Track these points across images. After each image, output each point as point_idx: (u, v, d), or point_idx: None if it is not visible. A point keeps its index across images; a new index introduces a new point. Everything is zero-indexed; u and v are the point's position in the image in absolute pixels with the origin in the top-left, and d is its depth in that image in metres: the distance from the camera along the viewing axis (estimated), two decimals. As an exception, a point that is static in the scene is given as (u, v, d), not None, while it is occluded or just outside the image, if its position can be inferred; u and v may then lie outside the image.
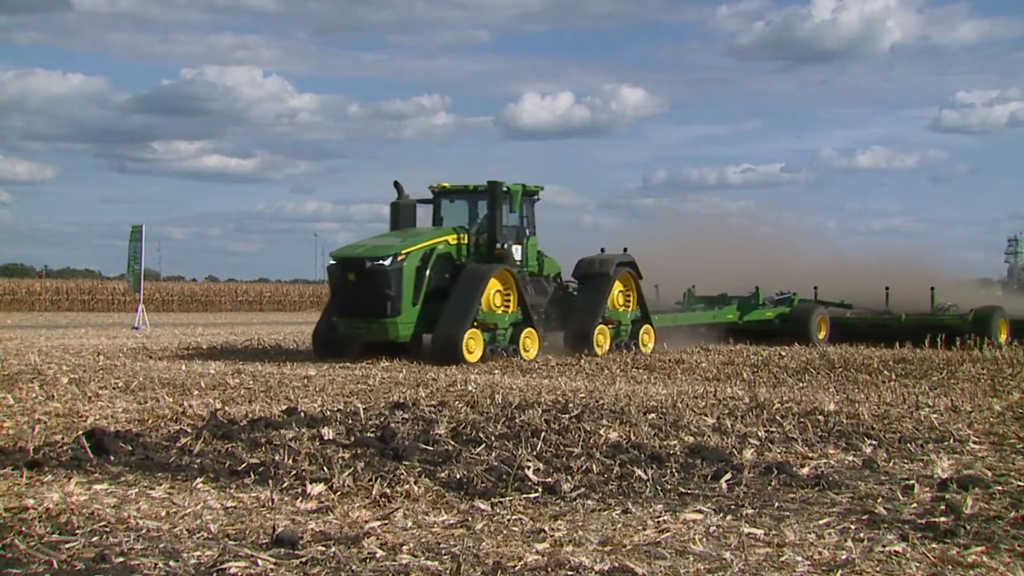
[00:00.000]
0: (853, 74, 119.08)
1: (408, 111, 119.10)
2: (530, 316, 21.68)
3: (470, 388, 15.12)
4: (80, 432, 10.17)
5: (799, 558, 6.08)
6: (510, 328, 21.38)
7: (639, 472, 8.63)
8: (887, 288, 28.46)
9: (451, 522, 7.05)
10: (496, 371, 18.81)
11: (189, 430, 10.54)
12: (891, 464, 9.27)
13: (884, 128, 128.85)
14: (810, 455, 9.66)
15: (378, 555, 6.14)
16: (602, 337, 22.89)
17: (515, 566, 5.89)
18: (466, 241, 21.90)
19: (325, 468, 8.63)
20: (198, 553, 6.10)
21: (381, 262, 20.13)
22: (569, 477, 8.46)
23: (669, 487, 8.23)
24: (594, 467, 8.85)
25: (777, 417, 11.88)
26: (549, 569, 5.85)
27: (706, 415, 12.00)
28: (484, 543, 6.43)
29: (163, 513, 7.13)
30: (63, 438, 10.11)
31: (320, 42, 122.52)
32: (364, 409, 12.27)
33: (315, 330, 22.50)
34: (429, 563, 5.97)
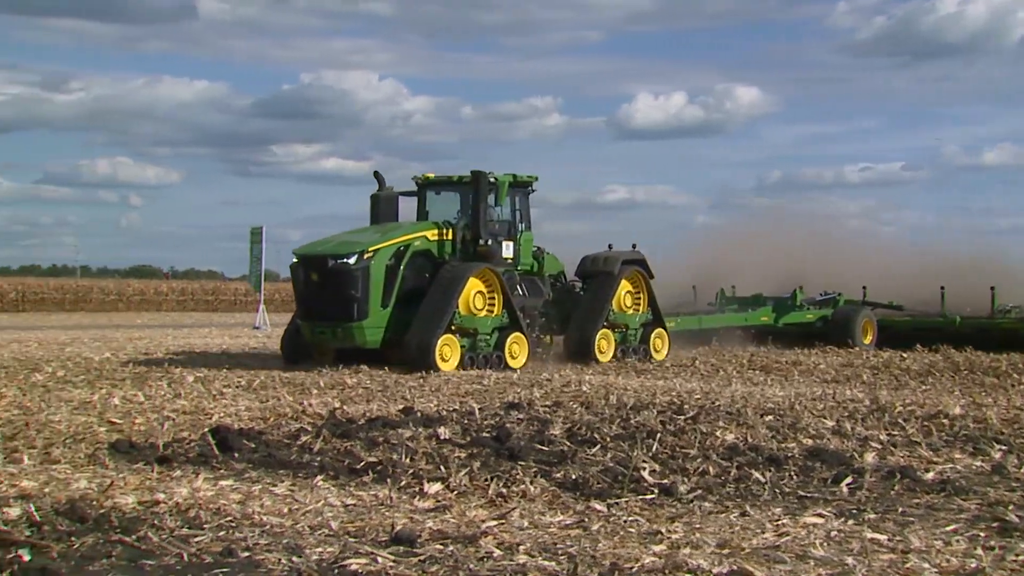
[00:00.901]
0: (978, 69, 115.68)
1: (520, 112, 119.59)
2: (518, 320, 19.47)
3: (584, 389, 15.08)
4: (206, 429, 10.43)
5: (926, 565, 5.92)
6: (494, 333, 19.21)
7: (757, 474, 8.52)
8: (942, 288, 25.62)
9: (567, 522, 7.04)
10: (611, 372, 18.74)
11: (309, 428, 10.72)
12: (1022, 470, 8.98)
13: (1012, 124, 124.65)
14: (935, 460, 9.40)
15: (495, 554, 6.16)
16: (605, 343, 20.80)
17: (632, 568, 5.85)
18: (450, 237, 19.67)
19: (442, 467, 8.70)
20: (320, 549, 6.19)
21: (345, 260, 18.20)
22: (685, 479, 8.39)
23: (788, 490, 8.10)
24: (711, 469, 8.75)
25: (899, 420, 11.61)
26: (667, 571, 5.79)
27: (825, 417, 11.79)
28: (600, 544, 6.40)
29: (285, 510, 7.26)
30: (190, 435, 10.37)
31: (433, 45, 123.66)
32: (479, 409, 12.33)
33: (283, 335, 20.48)
34: (546, 563, 5.97)
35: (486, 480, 8.25)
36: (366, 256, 18.22)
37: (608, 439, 10.05)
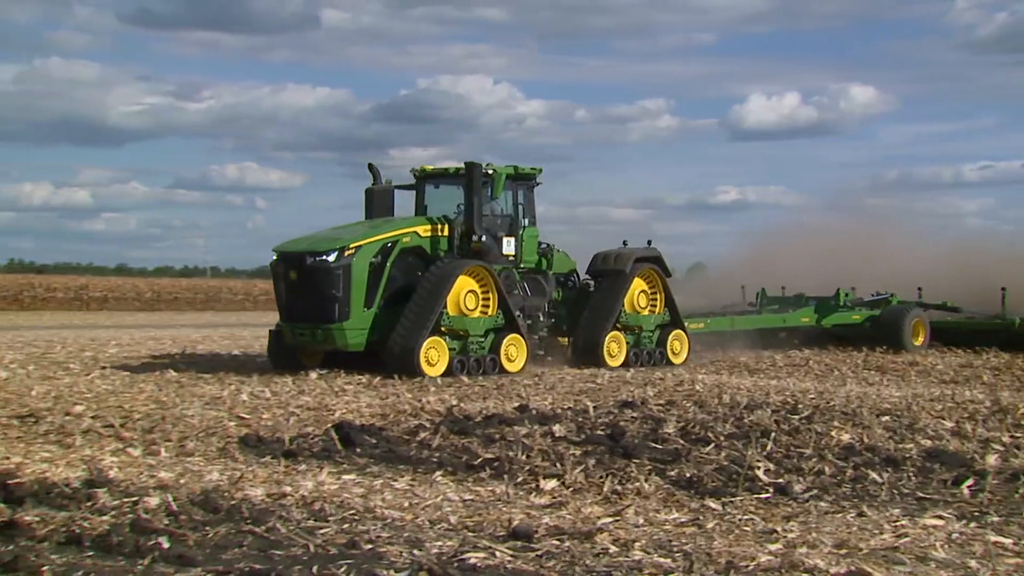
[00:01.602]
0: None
1: (632, 115, 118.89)
2: (515, 320, 17.75)
3: (697, 388, 14.97)
4: (329, 425, 10.61)
5: (1050, 569, 5.75)
6: (489, 335, 17.55)
7: (874, 475, 8.36)
8: (1004, 289, 23.40)
9: (682, 520, 7.00)
10: (723, 371, 18.55)
11: (428, 425, 10.85)
12: None
13: None
14: (1058, 462, 9.10)
15: (611, 551, 6.16)
16: (615, 345, 18.98)
17: (748, 566, 5.79)
18: (445, 233, 17.92)
19: (557, 464, 8.72)
20: (439, 543, 6.26)
21: (324, 258, 16.65)
22: (801, 478, 8.27)
23: (906, 491, 7.94)
24: (826, 469, 8.62)
25: (1023, 422, 11.27)
26: (783, 570, 5.73)
27: (944, 418, 11.51)
28: (716, 542, 6.35)
29: (406, 504, 7.36)
30: (314, 430, 10.57)
31: (546, 49, 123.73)
32: (594, 407, 12.31)
33: (268, 339, 18.47)
34: (662, 560, 5.94)
35: (601, 477, 8.25)
36: (347, 253, 16.69)
37: (722, 438, 9.96)
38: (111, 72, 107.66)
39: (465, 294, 17.14)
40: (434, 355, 16.59)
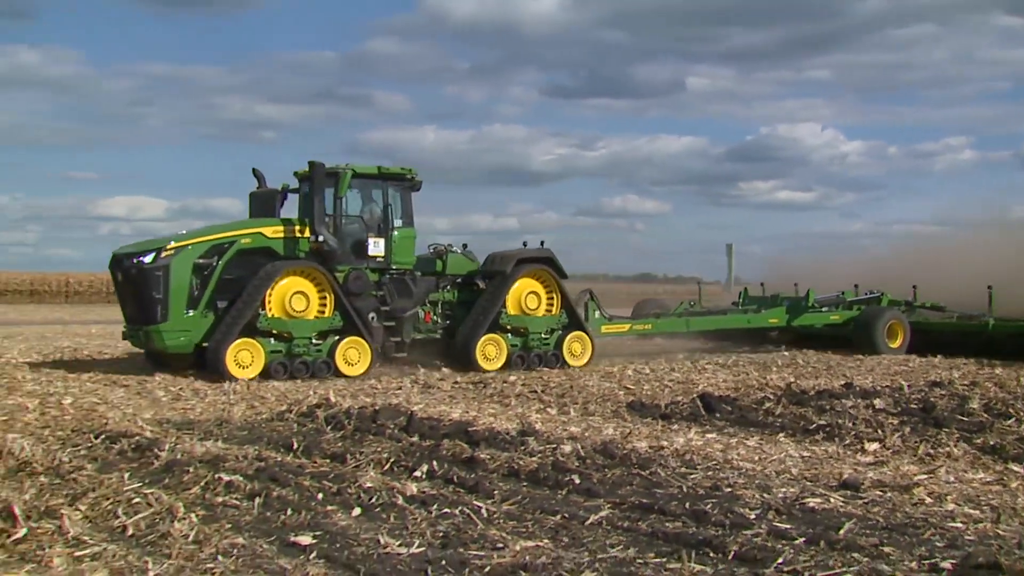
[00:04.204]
0: None
1: (937, 150, 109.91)
2: (355, 323, 13.52)
3: (997, 371, 13.59)
4: (695, 395, 10.58)
5: None
6: (329, 337, 13.44)
7: None
8: (990, 288, 17.26)
9: (988, 480, 6.46)
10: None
11: (771, 397, 10.57)
12: None
13: None
14: None
15: (926, 501, 5.80)
16: (493, 348, 14.47)
17: (1050, 521, 5.26)
18: (306, 233, 13.67)
19: (878, 431, 8.26)
20: (784, 489, 6.14)
21: (141, 259, 13.10)
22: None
23: None
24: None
25: None
26: (1083, 527, 5.15)
27: None
28: (1020, 499, 5.83)
29: (756, 458, 7.25)
30: (683, 399, 10.57)
31: (865, 99, 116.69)
32: (907, 385, 11.50)
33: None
34: (971, 511, 5.53)
35: (915, 442, 7.74)
36: (164, 255, 13.05)
37: (1022, 413, 8.99)
38: (533, 132, 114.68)
39: (292, 296, 13.22)
40: (246, 357, 12.77)
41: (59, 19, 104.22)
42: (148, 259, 13.03)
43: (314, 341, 13.30)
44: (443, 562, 4.60)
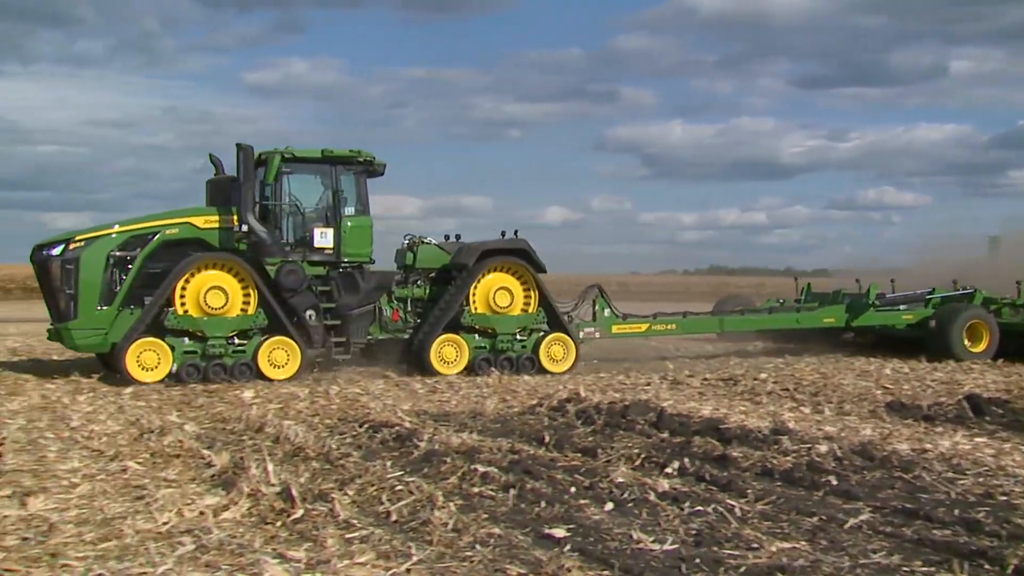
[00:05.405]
0: None
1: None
2: (282, 322, 12.18)
3: None
4: (960, 397, 9.87)
5: None
6: (252, 336, 12.19)
7: None
8: (1019, 283, 15.28)
9: None
10: None
11: None
12: None
13: None
14: None
15: None
16: (452, 350, 12.81)
17: None
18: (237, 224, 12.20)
19: None
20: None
21: (50, 252, 12.00)
22: None
23: None
24: None
25: None
26: None
27: None
28: None
29: (1036, 465, 6.67)
30: (947, 400, 9.88)
31: None
32: None
33: None
34: None
35: None
36: (72, 247, 11.89)
37: None
38: (782, 124, 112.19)
39: (207, 291, 11.95)
40: (149, 359, 11.72)
41: (324, 31, 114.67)
42: (56, 251, 12.04)
43: (236, 341, 12.19)
44: (697, 560, 4.62)
